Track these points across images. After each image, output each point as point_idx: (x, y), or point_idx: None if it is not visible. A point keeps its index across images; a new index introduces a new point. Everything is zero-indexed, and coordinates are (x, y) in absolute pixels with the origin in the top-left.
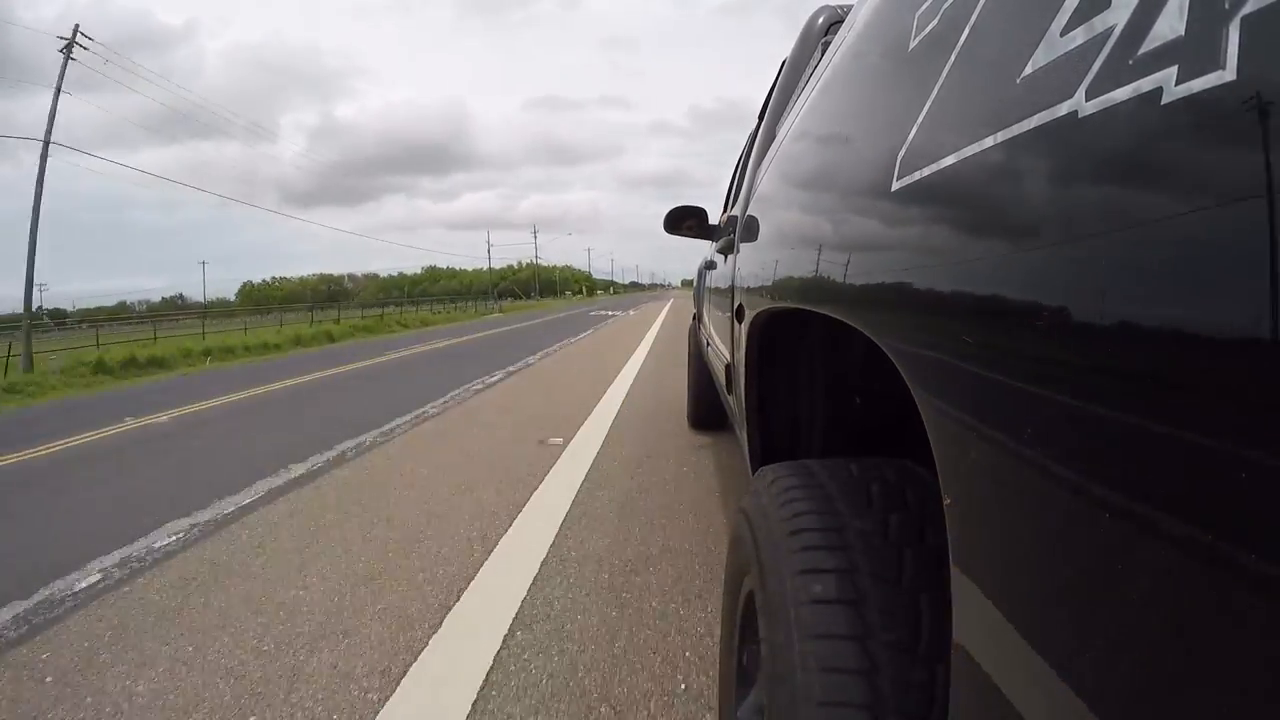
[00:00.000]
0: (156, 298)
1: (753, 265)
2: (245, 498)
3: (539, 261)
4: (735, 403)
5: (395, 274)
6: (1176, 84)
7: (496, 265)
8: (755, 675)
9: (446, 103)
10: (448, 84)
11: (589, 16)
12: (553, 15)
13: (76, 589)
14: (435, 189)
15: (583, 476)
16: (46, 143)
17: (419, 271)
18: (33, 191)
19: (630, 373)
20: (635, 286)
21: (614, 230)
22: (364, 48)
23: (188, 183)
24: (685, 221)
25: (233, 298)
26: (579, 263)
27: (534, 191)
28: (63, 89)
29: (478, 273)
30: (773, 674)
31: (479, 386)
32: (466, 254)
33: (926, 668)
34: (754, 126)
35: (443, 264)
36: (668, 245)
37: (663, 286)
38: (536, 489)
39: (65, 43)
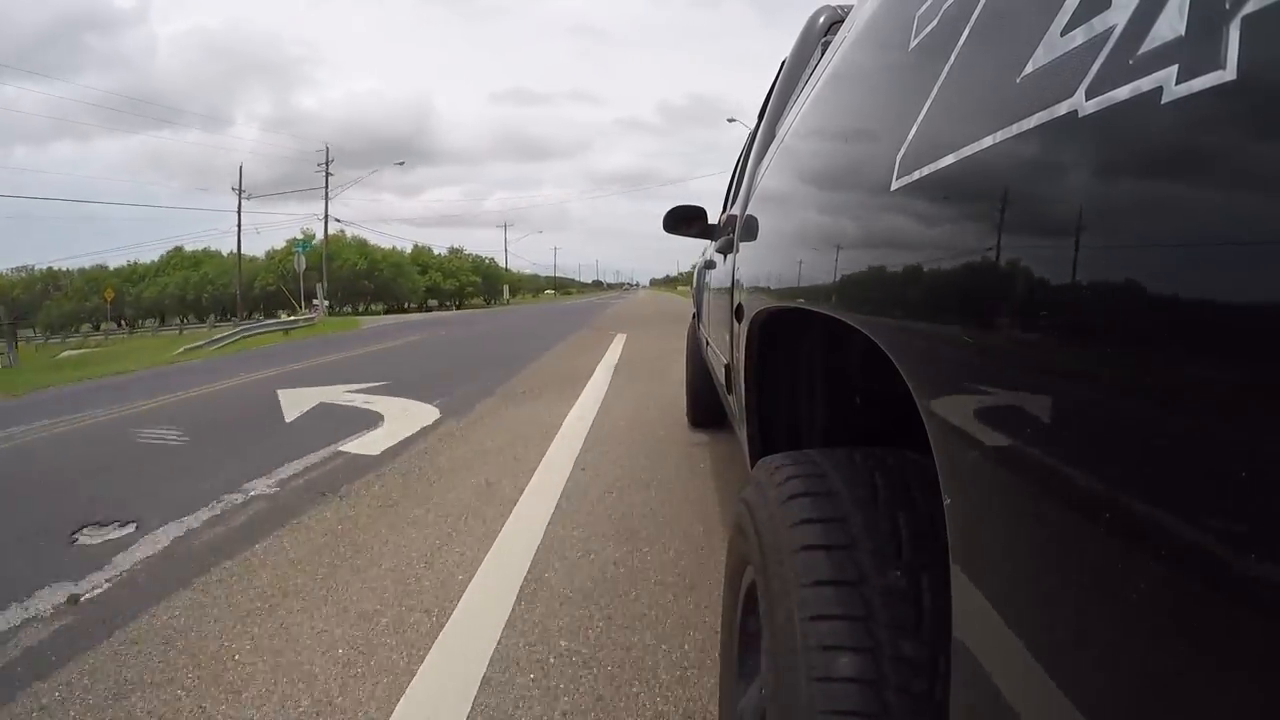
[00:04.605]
0: None
1: (752, 265)
2: None
3: (349, 238)
4: (735, 402)
5: (132, 262)
6: (1177, 83)
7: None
8: (756, 670)
9: (409, 95)
10: (410, 75)
11: (555, 9)
12: (519, 7)
13: None
14: (398, 184)
15: None
16: None
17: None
18: None
19: None
20: (598, 286)
21: (582, 229)
22: (320, 36)
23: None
24: (685, 221)
25: None
26: (537, 258)
27: (501, 188)
28: None
29: (250, 260)
30: (774, 661)
31: None
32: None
33: (929, 651)
34: (754, 126)
35: (213, 240)
36: (637, 244)
37: (631, 286)
38: None
39: None
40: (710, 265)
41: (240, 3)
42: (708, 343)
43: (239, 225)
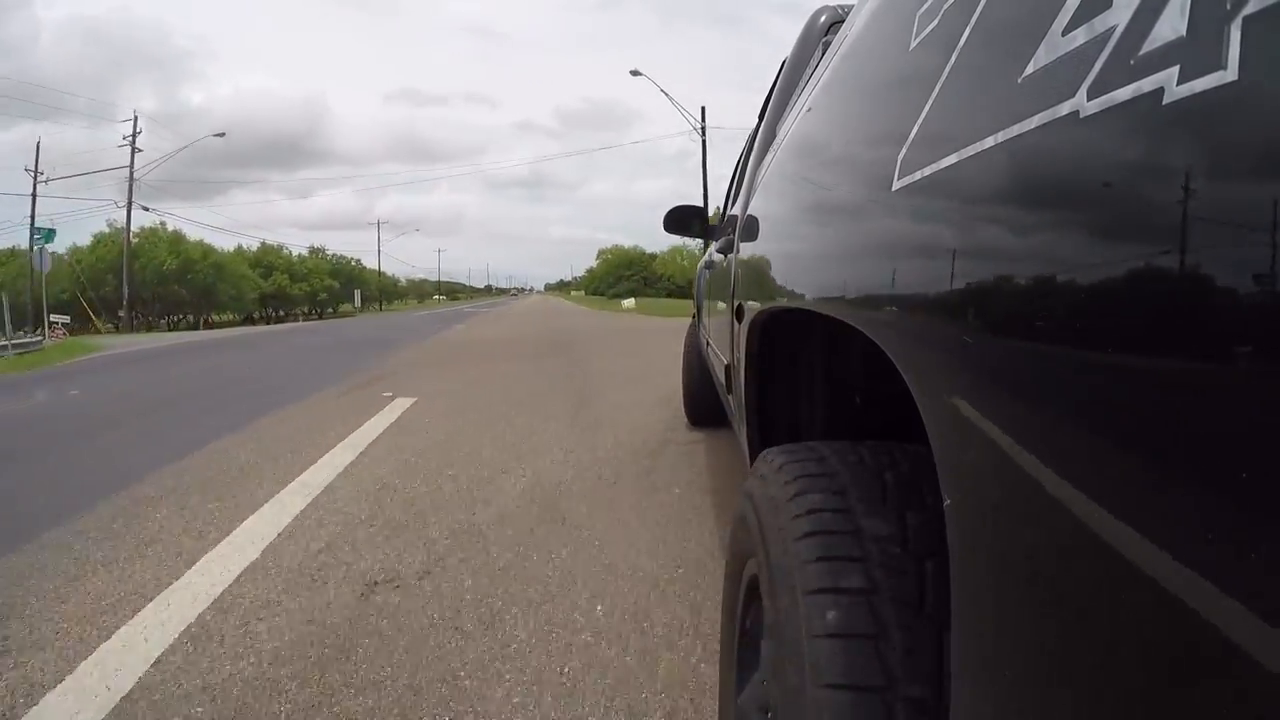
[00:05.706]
0: None
1: (752, 265)
2: None
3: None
4: (735, 403)
5: None
6: (1178, 84)
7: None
8: (756, 666)
9: (299, 94)
10: (300, 72)
11: (452, 12)
12: (414, 7)
13: None
14: (287, 186)
15: None
16: None
17: None
18: None
19: None
20: (489, 290)
21: (477, 232)
22: (208, 30)
23: None
24: (684, 221)
25: None
26: (424, 261)
27: (393, 192)
28: None
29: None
30: (778, 642)
31: None
32: None
33: (935, 642)
34: (754, 126)
35: None
36: (531, 248)
37: (524, 290)
38: None
39: None
40: (710, 265)
41: None
42: (708, 343)
43: (32, 218)
